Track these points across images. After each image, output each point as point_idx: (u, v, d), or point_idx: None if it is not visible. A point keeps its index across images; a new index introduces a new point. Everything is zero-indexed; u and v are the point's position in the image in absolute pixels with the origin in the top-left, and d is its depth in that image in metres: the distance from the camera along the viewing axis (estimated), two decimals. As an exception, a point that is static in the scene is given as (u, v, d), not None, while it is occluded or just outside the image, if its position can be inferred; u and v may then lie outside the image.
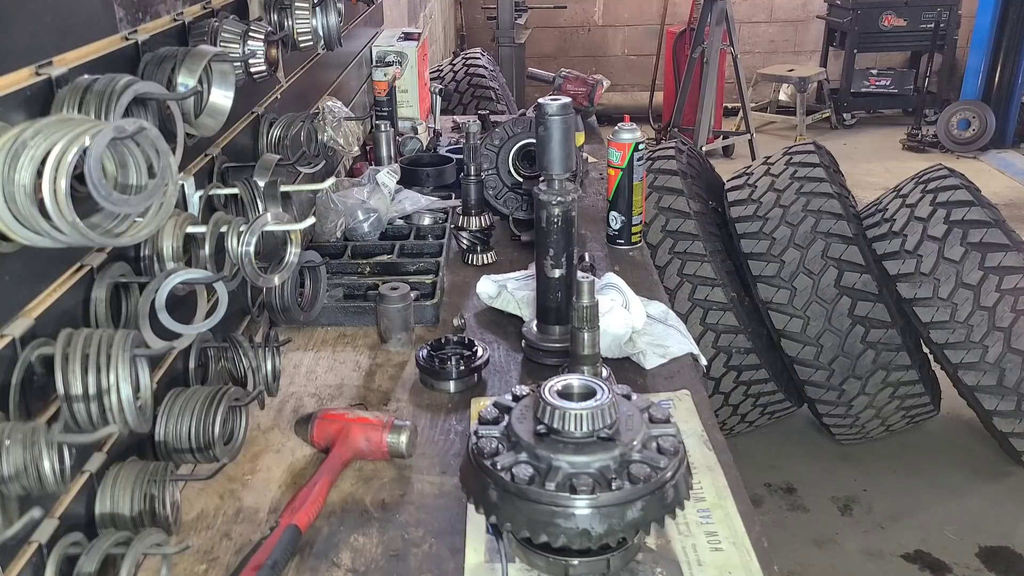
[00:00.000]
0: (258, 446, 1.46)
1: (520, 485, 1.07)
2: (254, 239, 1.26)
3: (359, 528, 1.27)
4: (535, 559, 1.15)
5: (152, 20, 1.30)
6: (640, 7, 8.84)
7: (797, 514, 3.49)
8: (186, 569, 1.19)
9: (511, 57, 6.21)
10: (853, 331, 3.35)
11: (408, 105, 3.06)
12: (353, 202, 2.13)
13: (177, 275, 1.16)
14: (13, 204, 0.81)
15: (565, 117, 1.58)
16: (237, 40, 1.41)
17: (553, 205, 1.62)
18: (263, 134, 1.75)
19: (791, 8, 8.97)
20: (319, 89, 2.39)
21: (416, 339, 1.79)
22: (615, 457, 1.09)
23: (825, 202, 3.44)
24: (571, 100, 1.61)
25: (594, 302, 1.45)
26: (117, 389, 0.95)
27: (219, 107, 1.29)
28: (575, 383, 1.17)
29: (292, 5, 1.68)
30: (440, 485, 1.36)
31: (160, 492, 1.13)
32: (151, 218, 0.94)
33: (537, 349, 1.71)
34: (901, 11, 8.09)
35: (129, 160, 0.94)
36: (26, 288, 0.98)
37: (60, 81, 1.01)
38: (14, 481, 0.85)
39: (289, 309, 1.66)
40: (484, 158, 2.28)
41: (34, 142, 0.81)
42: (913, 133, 7.83)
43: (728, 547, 1.20)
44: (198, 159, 1.46)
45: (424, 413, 1.56)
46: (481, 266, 2.14)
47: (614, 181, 2.15)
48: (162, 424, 1.21)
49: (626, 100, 8.19)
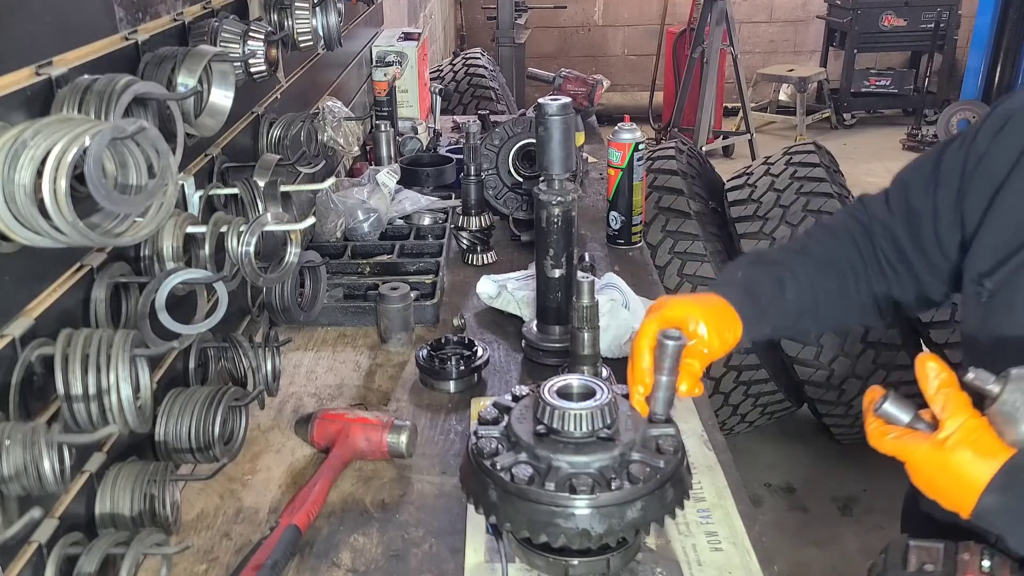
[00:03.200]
0: (258, 446, 1.46)
1: (520, 485, 1.07)
2: (254, 239, 1.26)
3: (359, 528, 1.27)
4: (535, 559, 1.15)
5: (152, 20, 1.30)
6: (640, 7, 8.84)
7: (797, 514, 3.49)
8: (186, 569, 1.19)
9: (511, 57, 6.20)
10: (853, 331, 3.35)
11: (408, 105, 3.06)
12: (353, 202, 2.13)
13: (177, 275, 1.16)
14: (13, 204, 0.81)
15: (565, 117, 1.58)
16: (237, 40, 1.41)
17: (553, 205, 1.62)
18: (263, 134, 1.75)
19: (791, 8, 8.96)
20: (319, 89, 2.39)
21: (416, 339, 1.79)
22: (615, 457, 1.09)
23: (825, 202, 3.44)
24: (571, 100, 1.61)
25: (594, 302, 1.45)
26: (117, 389, 0.95)
27: (219, 107, 1.29)
28: (575, 383, 1.17)
29: (292, 5, 1.68)
30: (440, 485, 1.36)
31: (160, 492, 1.13)
32: (151, 218, 0.94)
33: (537, 349, 1.71)
34: (901, 11, 8.09)
35: (129, 160, 0.94)
36: (26, 288, 0.98)
37: (60, 81, 1.01)
38: (14, 481, 0.85)
39: (289, 309, 1.66)
40: (484, 158, 2.28)
41: (34, 142, 0.81)
42: (913, 133, 7.83)
43: (728, 547, 1.20)
44: (198, 159, 1.46)
45: (424, 413, 1.56)
46: (481, 266, 2.14)
47: (614, 181, 2.15)
48: (162, 424, 1.21)
49: (626, 100, 8.18)
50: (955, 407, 0.99)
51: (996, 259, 1.20)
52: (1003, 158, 1.21)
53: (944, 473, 0.99)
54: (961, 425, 0.98)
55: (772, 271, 1.37)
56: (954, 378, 1.01)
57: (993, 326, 1.21)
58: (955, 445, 0.98)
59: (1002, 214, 1.21)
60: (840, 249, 1.40)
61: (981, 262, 1.23)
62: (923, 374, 1.02)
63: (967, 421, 0.99)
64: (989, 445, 0.98)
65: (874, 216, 1.40)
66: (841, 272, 1.39)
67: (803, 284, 1.36)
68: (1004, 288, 1.19)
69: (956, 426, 0.99)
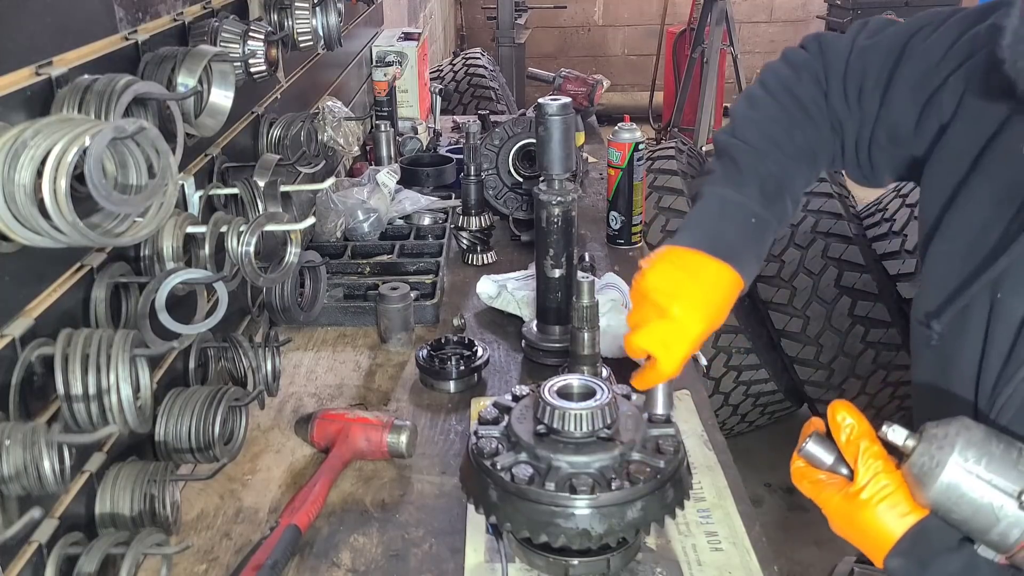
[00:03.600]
0: (258, 446, 1.46)
1: (520, 485, 1.07)
2: (254, 239, 1.26)
3: (359, 528, 1.27)
4: (535, 559, 1.15)
5: (152, 20, 1.30)
6: (640, 7, 8.83)
7: (797, 514, 3.48)
8: (186, 569, 1.19)
9: (511, 57, 6.20)
10: (853, 331, 3.35)
11: (408, 105, 3.06)
12: (353, 202, 2.13)
13: (177, 275, 1.16)
14: (13, 204, 0.81)
15: (565, 117, 1.58)
16: (237, 40, 1.41)
17: (553, 205, 1.62)
18: (263, 134, 1.75)
19: (791, 8, 8.96)
20: (319, 89, 2.39)
21: (416, 339, 1.79)
22: (615, 457, 1.10)
23: (825, 202, 3.44)
24: (571, 100, 1.61)
25: (594, 302, 1.45)
26: (117, 389, 0.95)
27: (219, 107, 1.29)
28: (575, 383, 1.17)
29: (292, 5, 1.68)
30: (440, 485, 1.36)
31: (160, 492, 1.13)
32: (151, 218, 0.94)
33: (537, 349, 1.71)
34: (901, 11, 8.07)
35: (129, 160, 0.94)
36: (26, 288, 0.98)
37: (60, 81, 1.01)
38: (14, 481, 0.85)
39: (289, 309, 1.66)
40: (484, 158, 2.28)
41: (34, 142, 0.81)
42: (913, 133, 7.84)
43: (728, 547, 1.20)
44: (198, 159, 1.46)
45: (424, 413, 1.56)
46: (481, 266, 2.14)
47: (614, 181, 2.15)
48: (162, 424, 1.21)
49: (626, 100, 8.17)
50: (867, 459, 0.94)
51: (942, 296, 1.09)
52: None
53: (853, 527, 0.95)
54: (872, 480, 0.93)
55: (781, 206, 1.28)
56: (866, 428, 0.96)
57: (948, 375, 1.10)
58: (865, 502, 0.93)
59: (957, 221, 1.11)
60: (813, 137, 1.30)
61: (927, 300, 1.13)
62: (833, 424, 0.96)
63: (879, 476, 0.93)
64: (900, 504, 0.92)
65: (832, 106, 1.30)
66: (815, 161, 1.32)
67: (797, 198, 1.30)
68: (952, 331, 1.08)
69: (867, 480, 0.93)
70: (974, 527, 0.88)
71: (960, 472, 0.87)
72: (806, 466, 1.00)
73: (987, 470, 0.86)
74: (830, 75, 1.30)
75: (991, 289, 1.03)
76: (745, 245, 1.23)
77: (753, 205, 1.24)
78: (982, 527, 0.87)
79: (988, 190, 1.08)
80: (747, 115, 1.33)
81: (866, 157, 1.29)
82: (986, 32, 1.11)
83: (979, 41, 1.13)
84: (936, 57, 1.18)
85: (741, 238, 1.23)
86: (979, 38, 1.13)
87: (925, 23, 1.22)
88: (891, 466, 0.94)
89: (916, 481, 0.90)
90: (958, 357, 1.07)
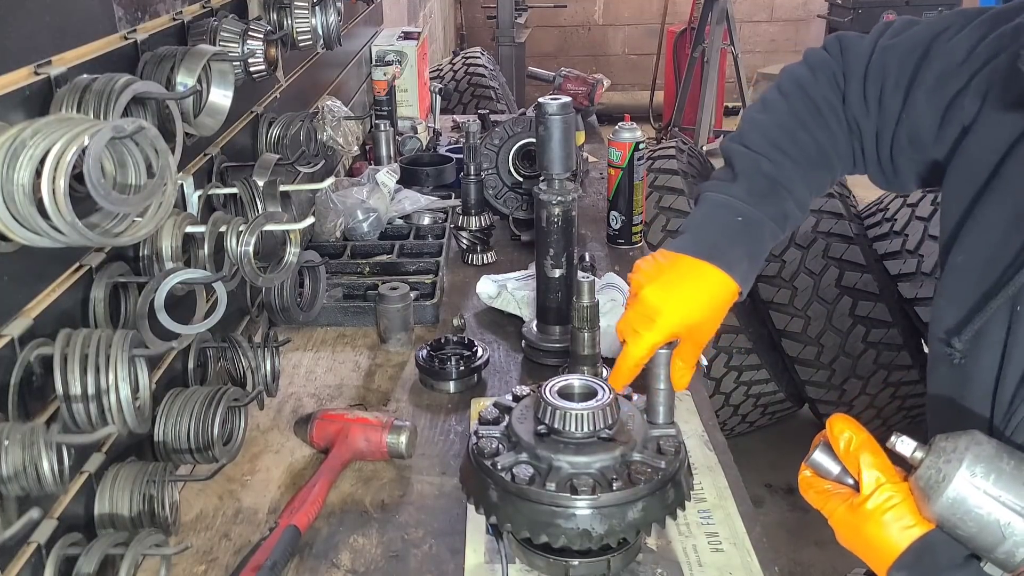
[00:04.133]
0: (257, 446, 1.46)
1: (520, 485, 1.07)
2: (253, 239, 1.26)
3: (359, 529, 1.27)
4: (535, 560, 1.14)
5: (151, 19, 1.30)
6: (640, 6, 8.83)
7: (798, 514, 3.48)
8: (185, 570, 1.19)
9: (511, 56, 6.20)
10: (854, 331, 3.34)
11: (408, 105, 3.06)
12: (353, 202, 2.12)
13: (176, 275, 1.16)
14: (12, 204, 0.81)
15: (565, 116, 1.57)
16: (236, 39, 1.41)
17: (553, 205, 1.62)
18: (262, 133, 1.75)
19: (792, 7, 8.96)
20: (318, 88, 2.38)
21: (416, 339, 1.79)
22: (616, 457, 1.09)
23: (826, 202, 3.43)
24: (571, 99, 1.60)
25: (594, 302, 1.45)
26: (116, 389, 0.95)
27: (218, 106, 1.29)
28: (575, 383, 1.17)
29: (291, 4, 1.68)
30: (440, 485, 1.36)
31: (159, 493, 1.13)
32: (150, 218, 0.93)
33: (537, 349, 1.70)
34: (902, 10, 8.05)
35: (128, 160, 0.94)
36: (25, 288, 0.98)
37: (59, 80, 1.00)
38: (13, 481, 0.85)
39: (288, 309, 1.66)
40: (484, 158, 2.28)
41: (33, 142, 0.81)
42: (913, 132, 7.84)
43: (729, 547, 1.20)
44: (197, 159, 1.46)
45: (424, 413, 1.56)
46: (481, 266, 2.14)
47: (614, 181, 2.15)
48: (161, 424, 1.21)
49: (626, 99, 8.17)
50: (870, 470, 0.92)
51: (961, 312, 1.06)
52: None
53: (858, 539, 0.93)
54: (877, 491, 0.91)
55: (775, 205, 1.24)
56: (866, 438, 0.93)
57: (964, 390, 1.06)
58: (869, 513, 0.91)
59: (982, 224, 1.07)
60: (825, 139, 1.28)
61: (945, 316, 1.09)
62: (832, 436, 0.95)
63: (884, 487, 0.91)
64: (905, 516, 0.90)
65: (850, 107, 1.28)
66: (829, 164, 1.29)
67: (801, 200, 1.27)
68: (970, 346, 1.04)
69: (871, 491, 0.91)
70: (980, 544, 0.86)
71: (967, 487, 0.84)
72: (813, 476, 0.98)
73: (995, 486, 0.84)
74: (849, 75, 1.28)
75: (1010, 303, 0.99)
76: (731, 244, 1.20)
77: (738, 204, 1.23)
78: (988, 544, 0.85)
79: (1007, 199, 1.04)
80: (755, 119, 1.32)
81: (888, 160, 1.27)
82: (1012, 32, 1.08)
83: (1004, 41, 1.09)
84: (960, 57, 1.13)
85: (726, 238, 1.21)
86: (1004, 38, 1.09)
87: (951, 22, 1.18)
88: (897, 477, 0.92)
89: (922, 494, 0.88)
90: (975, 372, 1.04)
